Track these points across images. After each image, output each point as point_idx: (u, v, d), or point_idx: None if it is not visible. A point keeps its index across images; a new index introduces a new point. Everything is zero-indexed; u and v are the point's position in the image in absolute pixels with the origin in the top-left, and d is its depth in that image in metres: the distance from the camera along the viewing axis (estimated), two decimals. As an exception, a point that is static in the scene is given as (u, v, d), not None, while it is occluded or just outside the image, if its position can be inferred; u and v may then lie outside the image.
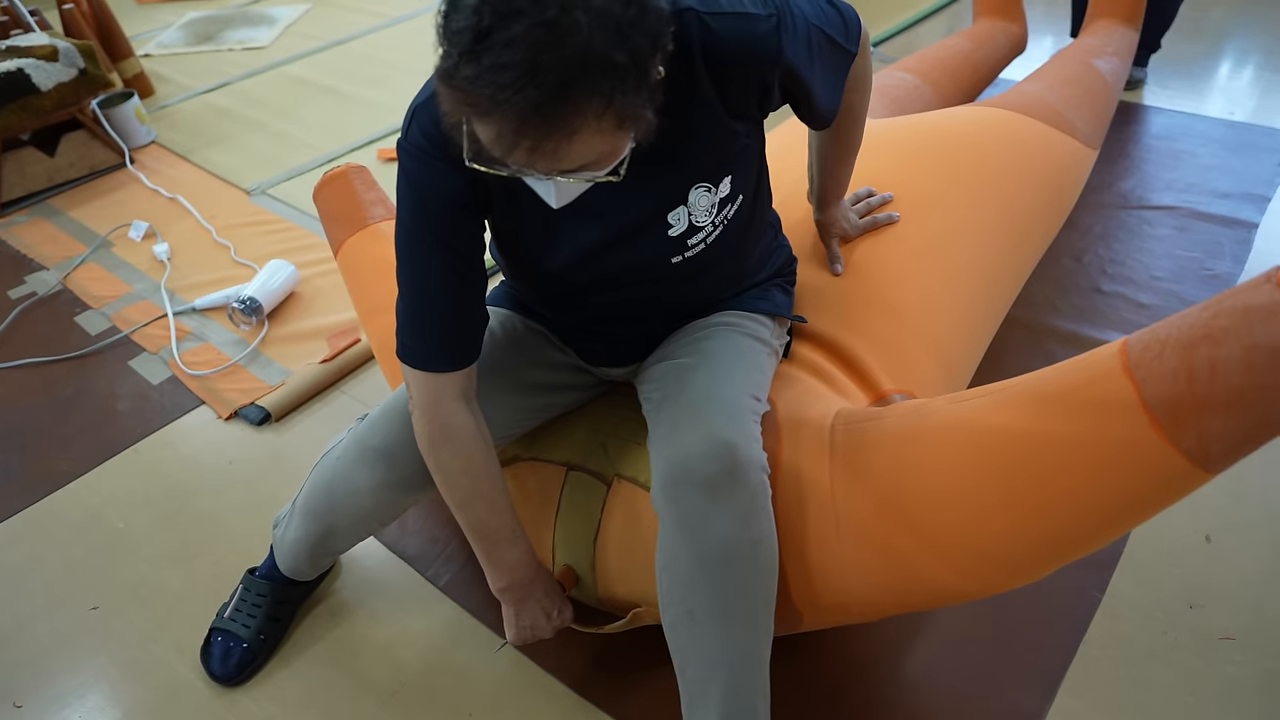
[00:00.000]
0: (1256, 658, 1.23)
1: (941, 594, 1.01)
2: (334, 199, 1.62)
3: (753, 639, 1.00)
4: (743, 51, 0.90)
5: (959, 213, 1.51)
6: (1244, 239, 2.06)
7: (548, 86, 0.70)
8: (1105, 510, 0.88)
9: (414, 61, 3.38)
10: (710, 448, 0.96)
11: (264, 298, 2.00)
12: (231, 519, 1.57)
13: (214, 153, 2.81)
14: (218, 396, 1.84)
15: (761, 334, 1.13)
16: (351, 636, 1.35)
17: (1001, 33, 2.48)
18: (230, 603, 1.34)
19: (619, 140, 0.79)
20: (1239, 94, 2.69)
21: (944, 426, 0.99)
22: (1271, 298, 0.74)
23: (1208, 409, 0.78)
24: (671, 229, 1.00)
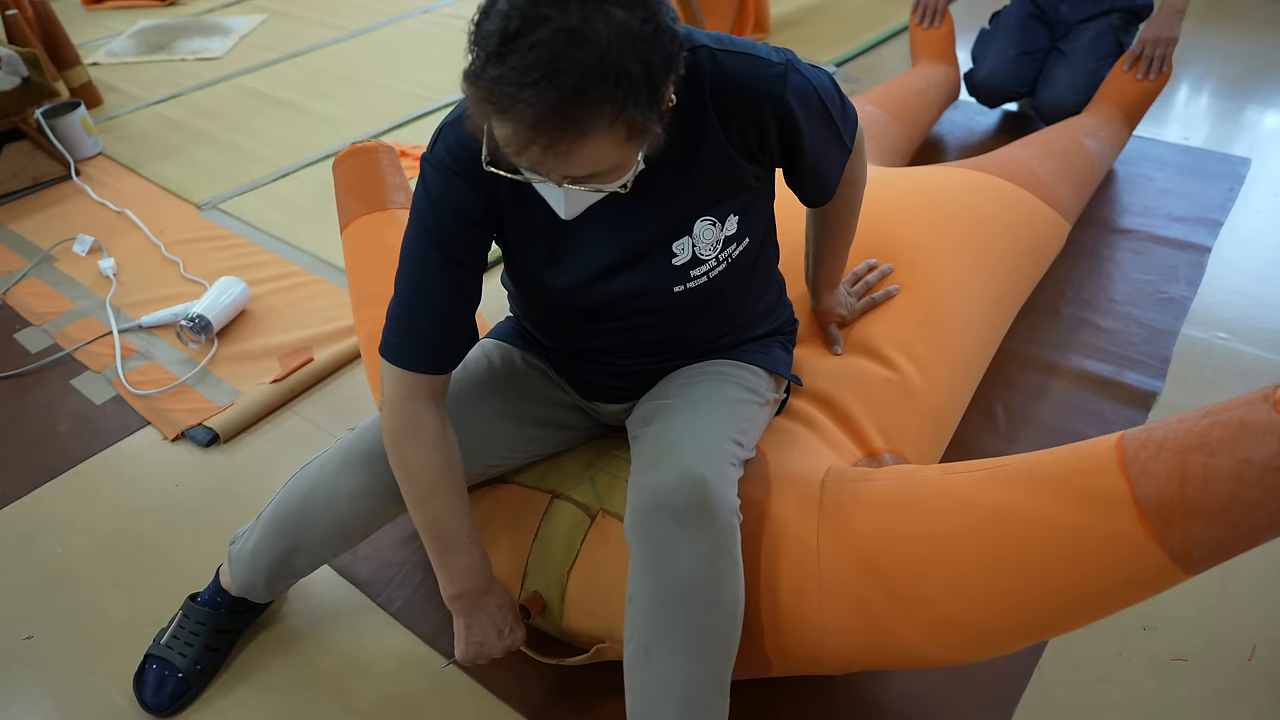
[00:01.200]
0: (1206, 679, 1.26)
1: (912, 658, 1.05)
2: (356, 172, 1.62)
3: (704, 680, 1.01)
4: (747, 88, 0.98)
5: (953, 278, 1.57)
6: (1198, 263, 2.12)
7: (565, 88, 0.76)
8: (1083, 597, 0.93)
9: (372, 75, 3.39)
10: (681, 480, 0.99)
11: (213, 315, 1.99)
12: (176, 544, 1.55)
13: (164, 166, 2.78)
14: (164, 417, 1.82)
15: (755, 385, 1.17)
16: (299, 665, 1.34)
17: (942, 75, 2.65)
18: (168, 629, 1.33)
19: (628, 152, 0.85)
20: (1194, 120, 2.79)
21: (934, 495, 1.04)
22: (1268, 417, 0.80)
23: (1196, 514, 0.83)
24: (675, 258, 1.05)
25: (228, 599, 1.33)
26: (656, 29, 0.80)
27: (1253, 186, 2.42)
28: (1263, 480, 0.78)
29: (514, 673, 1.30)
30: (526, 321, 1.24)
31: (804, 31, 3.59)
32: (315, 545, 1.22)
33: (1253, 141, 2.65)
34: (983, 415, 1.70)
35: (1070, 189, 2.04)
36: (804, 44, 3.47)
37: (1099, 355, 1.85)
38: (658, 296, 1.08)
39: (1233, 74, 3.08)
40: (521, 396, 1.22)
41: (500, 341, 1.26)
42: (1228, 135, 2.69)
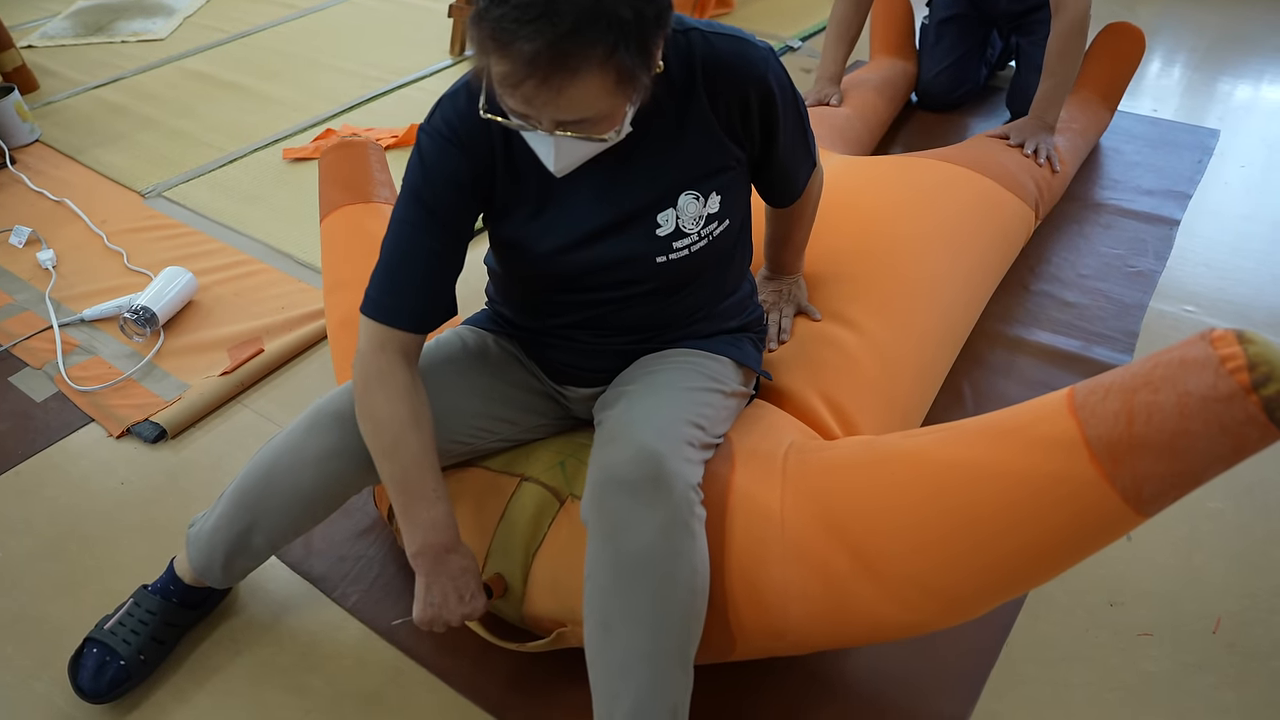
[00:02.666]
0: (1172, 653, 1.29)
1: (875, 625, 1.06)
2: (343, 164, 1.69)
3: (665, 653, 1.02)
4: (736, 68, 1.06)
5: (922, 267, 1.60)
6: (1166, 236, 2.16)
7: (561, 26, 0.83)
8: (1041, 545, 0.95)
9: (322, 56, 3.35)
10: (636, 454, 1.03)
11: (159, 307, 1.97)
12: (123, 544, 1.54)
13: (105, 152, 2.74)
14: (108, 413, 1.80)
15: (720, 375, 1.21)
16: (254, 664, 1.34)
17: (899, 72, 2.68)
18: (114, 615, 1.32)
19: (617, 100, 0.92)
20: (1164, 92, 2.82)
21: (894, 456, 1.07)
22: (1205, 352, 0.83)
23: (1144, 450, 0.86)
24: (659, 228, 1.11)
25: (180, 589, 1.32)
26: None
27: (1221, 158, 2.46)
28: (1203, 411, 0.82)
29: (473, 665, 1.31)
30: (504, 301, 1.28)
31: (768, 5, 3.60)
32: (276, 519, 1.22)
33: (1222, 113, 2.69)
34: (950, 394, 1.72)
35: (1040, 181, 2.06)
36: (767, 19, 3.48)
37: (1067, 330, 1.88)
38: (640, 266, 1.12)
39: (1203, 45, 3.13)
40: (492, 375, 1.25)
41: (474, 327, 1.30)
42: (1198, 107, 2.73)
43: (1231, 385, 0.81)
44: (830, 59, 2.42)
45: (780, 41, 3.27)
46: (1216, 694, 1.24)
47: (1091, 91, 2.45)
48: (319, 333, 1.96)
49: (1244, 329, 0.83)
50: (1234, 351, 0.82)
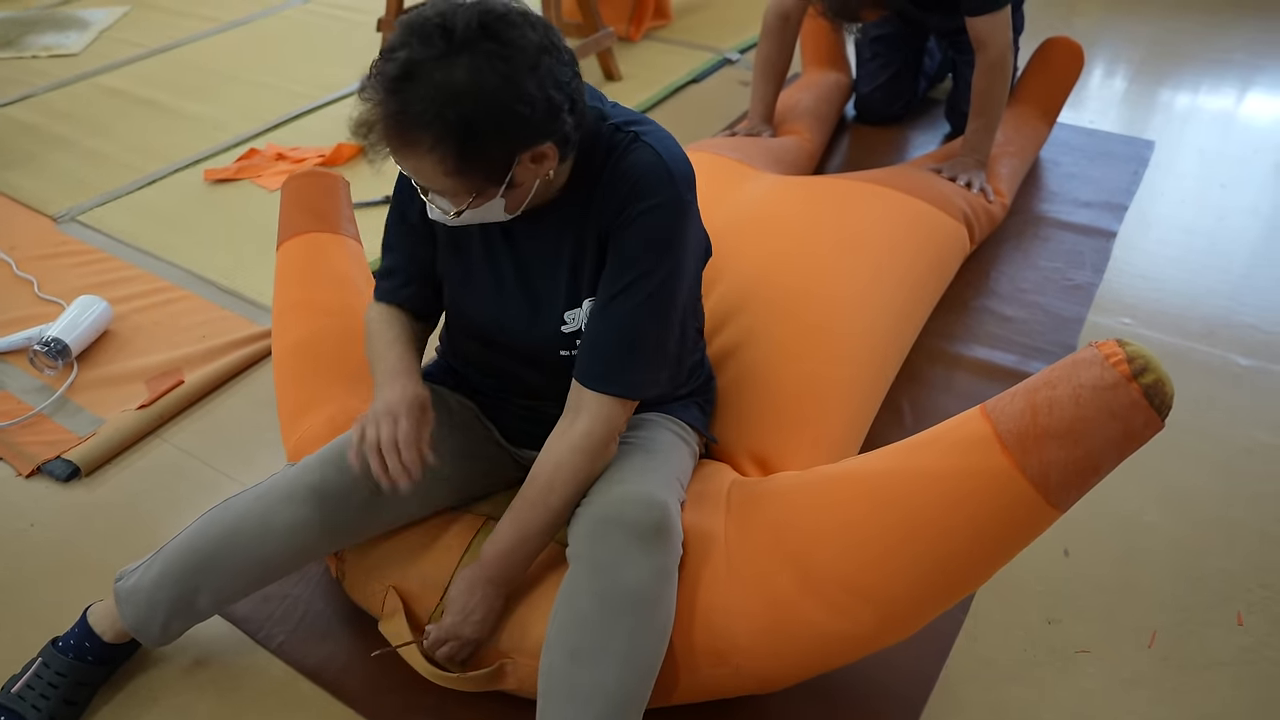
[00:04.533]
0: (1109, 669, 1.34)
1: (817, 638, 1.11)
2: (313, 192, 1.71)
3: (626, 692, 1.06)
4: (632, 182, 1.11)
5: (853, 292, 1.66)
6: (1103, 248, 2.23)
7: (394, 105, 0.96)
8: (963, 538, 1.05)
9: (247, 72, 3.33)
10: (646, 499, 1.11)
11: (71, 338, 1.94)
12: (32, 589, 1.51)
13: (13, 174, 2.69)
14: (17, 451, 1.77)
15: (684, 435, 1.32)
16: (171, 713, 1.32)
17: (833, 84, 2.75)
18: (23, 676, 1.29)
19: (452, 184, 1.02)
20: (1102, 103, 2.92)
21: (827, 475, 1.19)
22: (1093, 354, 1.00)
23: (1047, 438, 1.00)
24: (565, 325, 1.20)
25: (97, 646, 1.30)
26: (490, 98, 0.96)
27: (1156, 169, 2.56)
28: (1094, 399, 0.97)
29: (403, 707, 1.30)
30: (450, 350, 1.39)
31: (707, 17, 3.65)
32: (230, 582, 1.23)
33: (1159, 124, 2.79)
34: (889, 411, 1.76)
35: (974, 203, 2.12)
36: (706, 30, 3.53)
37: (1004, 346, 1.94)
38: (545, 355, 1.23)
39: (1138, 56, 3.24)
40: (459, 435, 1.31)
41: (432, 385, 1.34)
42: (1134, 118, 2.83)
43: (1115, 375, 0.97)
44: (759, 98, 2.46)
45: (718, 54, 3.33)
46: (1151, 710, 1.28)
47: (1030, 106, 2.53)
48: (242, 362, 1.95)
49: (1123, 339, 1.00)
50: (1115, 350, 0.98)
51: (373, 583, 1.32)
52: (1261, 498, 1.60)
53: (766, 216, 1.76)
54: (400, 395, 1.17)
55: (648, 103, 3.01)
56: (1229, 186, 2.47)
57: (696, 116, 2.95)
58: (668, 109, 3.02)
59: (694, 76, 3.18)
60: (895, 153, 2.66)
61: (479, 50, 0.96)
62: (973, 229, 2.07)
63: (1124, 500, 1.59)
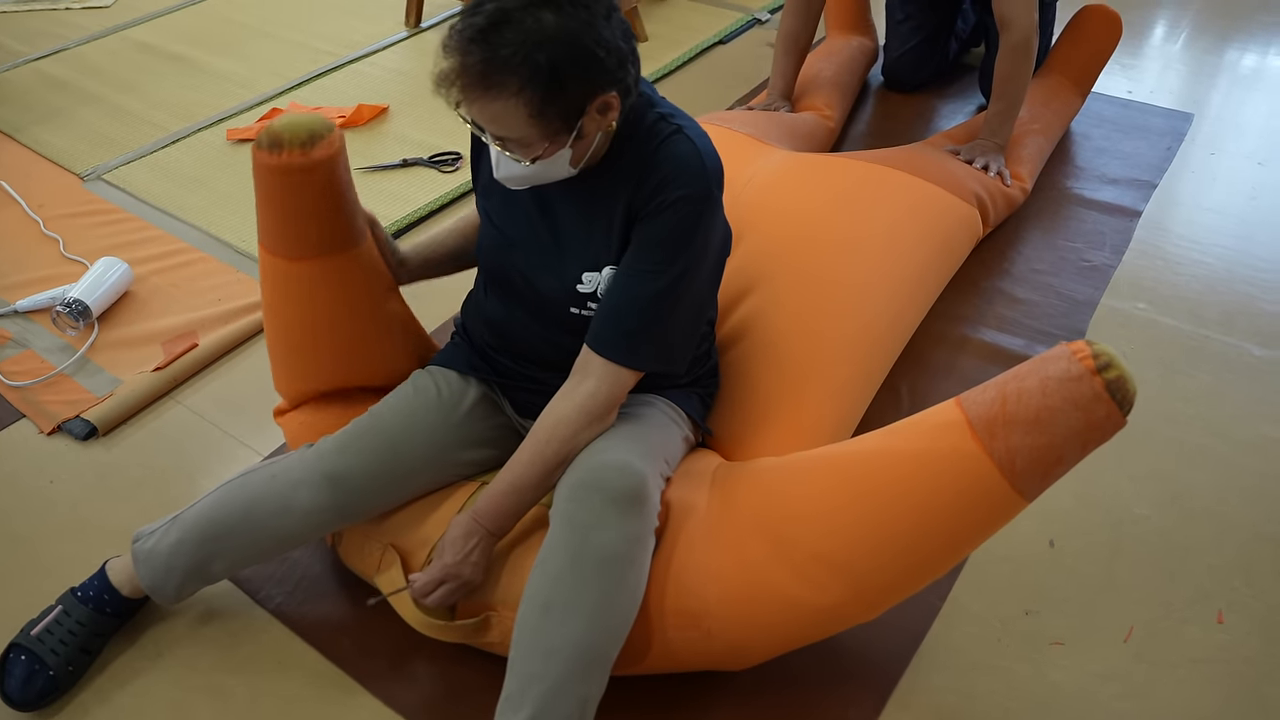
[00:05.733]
0: (1080, 662, 1.38)
1: (789, 607, 1.19)
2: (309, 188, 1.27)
3: (593, 647, 1.15)
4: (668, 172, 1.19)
5: (857, 278, 1.69)
6: (1126, 228, 2.22)
7: (484, 51, 1.06)
8: (932, 517, 1.13)
9: (275, 27, 3.38)
10: (625, 467, 1.18)
11: (92, 300, 2.03)
12: (51, 543, 1.62)
13: (44, 130, 2.79)
14: (40, 409, 1.87)
15: (676, 419, 1.38)
16: (175, 665, 1.42)
17: (856, 50, 2.72)
18: (42, 621, 1.39)
19: (532, 131, 1.11)
20: (1139, 71, 2.87)
21: (809, 457, 1.28)
22: (1061, 350, 1.08)
23: (1014, 424, 1.08)
24: (581, 285, 1.28)
25: (116, 600, 1.40)
26: (574, 42, 1.07)
27: (1191, 143, 2.52)
28: (1059, 390, 1.05)
29: (391, 669, 1.39)
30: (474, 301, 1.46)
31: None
32: (243, 551, 1.34)
33: (1201, 94, 2.73)
34: (888, 394, 1.79)
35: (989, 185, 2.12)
36: (741, -12, 3.51)
37: (1013, 329, 1.95)
38: (557, 310, 1.30)
39: (1184, 20, 3.16)
40: (465, 420, 1.40)
41: (445, 369, 1.44)
42: (1175, 87, 2.78)
43: (1080, 368, 1.05)
44: (779, 74, 2.45)
45: (748, 14, 3.31)
46: (1117, 703, 1.33)
47: (1063, 78, 2.50)
48: (255, 326, 2.03)
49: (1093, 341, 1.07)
50: (1082, 347, 1.06)
51: (370, 543, 1.40)
52: (1259, 494, 1.61)
53: (772, 199, 1.78)
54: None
55: (673, 64, 3.02)
56: (1267, 164, 2.43)
57: (723, 78, 2.95)
58: (693, 70, 3.02)
59: (721, 37, 3.17)
60: (922, 123, 2.65)
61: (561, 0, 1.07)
62: (987, 212, 2.07)
63: (1116, 492, 1.62)
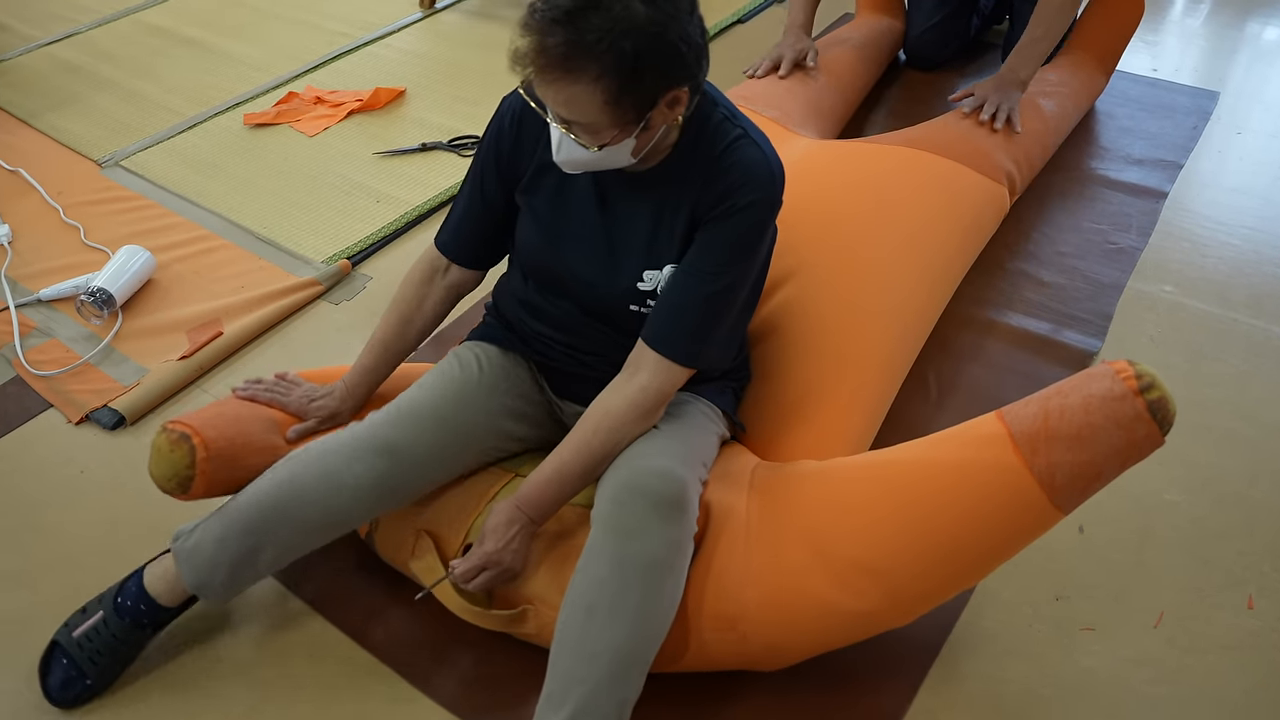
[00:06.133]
0: (1111, 648, 1.39)
1: (825, 612, 1.21)
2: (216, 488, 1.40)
3: (634, 652, 1.17)
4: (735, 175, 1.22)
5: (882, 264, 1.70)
6: (1152, 210, 2.22)
7: (570, 33, 1.06)
8: (970, 527, 1.16)
9: (288, 9, 3.38)
10: (667, 473, 1.21)
11: (116, 288, 2.04)
12: (83, 534, 1.64)
13: (60, 116, 2.79)
14: (67, 399, 1.89)
15: (712, 417, 1.41)
16: (210, 656, 1.44)
17: (885, 29, 2.70)
18: (84, 626, 1.39)
19: (604, 117, 1.12)
20: (1163, 48, 2.85)
21: (850, 465, 1.32)
22: (1105, 369, 1.12)
23: (1056, 440, 1.12)
24: (642, 283, 1.30)
25: (153, 611, 1.38)
26: (660, 34, 1.09)
27: (1217, 123, 2.51)
28: (1102, 408, 1.09)
29: (429, 659, 1.41)
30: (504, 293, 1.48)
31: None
32: (293, 537, 1.33)
33: (1229, 71, 2.72)
34: (914, 382, 1.80)
35: (1017, 156, 2.11)
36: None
37: (1039, 313, 1.95)
38: (617, 308, 1.33)
39: (1210, -5, 3.14)
40: (505, 393, 1.43)
41: (484, 344, 1.47)
42: (1203, 65, 2.76)
43: (1124, 388, 1.09)
44: (799, 8, 2.43)
45: (768, -9, 3.30)
46: (1149, 689, 1.34)
47: (1086, 54, 2.48)
48: (279, 314, 2.04)
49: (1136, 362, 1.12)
50: (1125, 367, 1.11)
51: (404, 530, 1.41)
52: (1289, 478, 1.62)
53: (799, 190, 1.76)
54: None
55: (690, 44, 3.00)
56: (1294, 143, 2.42)
57: (741, 57, 2.93)
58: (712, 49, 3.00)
59: (740, 16, 3.16)
60: (945, 101, 2.63)
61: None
62: (1014, 184, 2.06)
63: (1145, 478, 1.62)
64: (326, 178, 2.48)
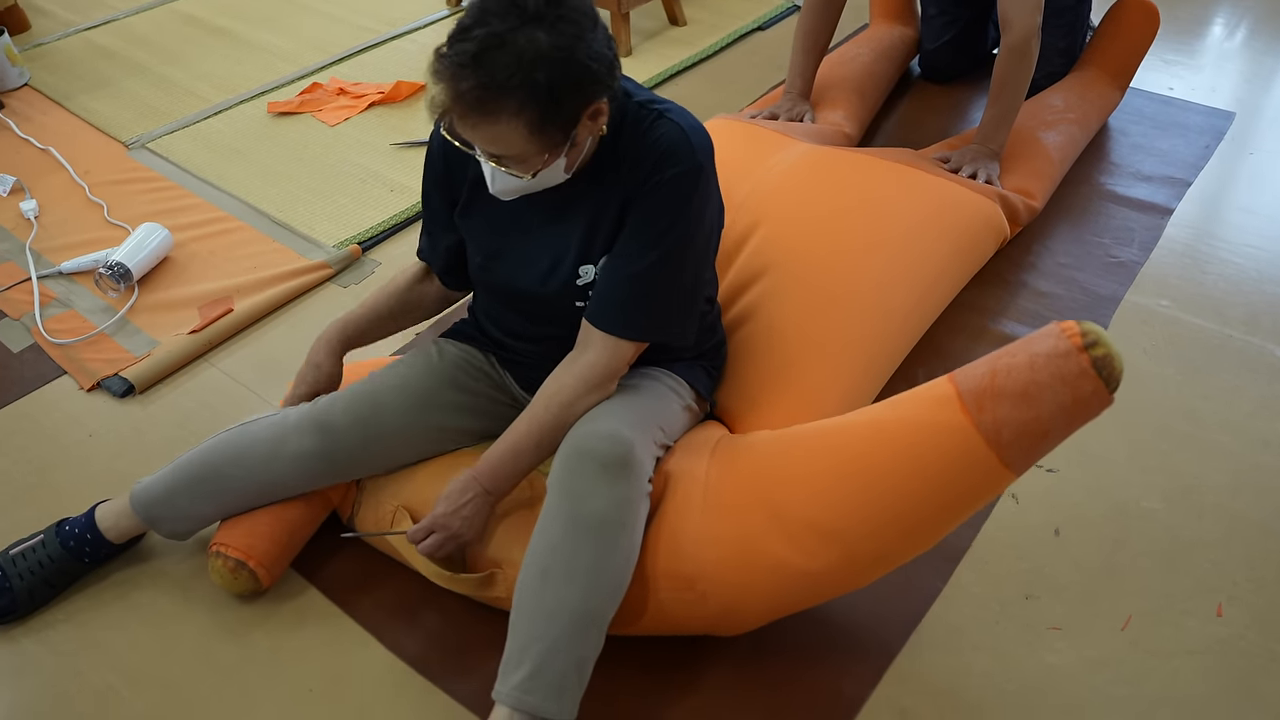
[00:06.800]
0: (1076, 646, 1.42)
1: (780, 571, 1.25)
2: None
3: (589, 610, 1.22)
4: (656, 152, 1.25)
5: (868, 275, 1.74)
6: (1155, 225, 2.24)
7: (482, 75, 1.09)
8: (920, 486, 1.20)
9: (318, 2, 3.48)
10: (612, 434, 1.25)
11: (133, 263, 2.13)
12: (89, 493, 1.71)
13: (92, 99, 2.90)
14: (80, 366, 1.97)
15: (678, 389, 1.45)
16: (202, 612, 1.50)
17: (897, 39, 2.74)
18: (23, 543, 1.51)
19: (531, 146, 1.15)
20: (1183, 68, 2.87)
21: (807, 430, 1.35)
22: (1050, 327, 1.14)
23: (1002, 397, 1.14)
24: (579, 279, 1.33)
25: (96, 542, 1.50)
26: (569, 58, 1.11)
27: (1231, 142, 2.53)
28: (1047, 365, 1.11)
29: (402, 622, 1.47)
30: (473, 302, 1.56)
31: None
32: (234, 497, 1.45)
33: (1241, 94, 2.73)
34: (903, 382, 1.84)
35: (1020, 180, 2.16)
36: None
37: (1033, 321, 1.99)
38: (560, 306, 1.36)
39: (1239, 19, 3.15)
40: (463, 388, 1.49)
41: (450, 340, 1.55)
42: (1217, 85, 2.78)
43: (1068, 345, 1.10)
44: (797, 73, 2.41)
45: (789, 0, 3.34)
46: (1111, 688, 1.37)
47: (1100, 71, 2.52)
48: (288, 294, 2.12)
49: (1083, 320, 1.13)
50: (1071, 325, 1.12)
51: (384, 504, 1.49)
52: (1271, 492, 1.64)
53: (790, 187, 1.83)
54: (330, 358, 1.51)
55: (711, 49, 3.07)
56: (1306, 165, 2.43)
57: (761, 64, 3.00)
58: (731, 55, 3.07)
59: (760, 23, 3.21)
60: (957, 115, 2.68)
61: (549, 17, 1.10)
62: (1015, 213, 2.10)
63: (1126, 485, 1.65)
64: (343, 166, 2.56)
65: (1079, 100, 2.42)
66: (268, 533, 1.46)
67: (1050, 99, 2.41)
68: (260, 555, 1.45)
